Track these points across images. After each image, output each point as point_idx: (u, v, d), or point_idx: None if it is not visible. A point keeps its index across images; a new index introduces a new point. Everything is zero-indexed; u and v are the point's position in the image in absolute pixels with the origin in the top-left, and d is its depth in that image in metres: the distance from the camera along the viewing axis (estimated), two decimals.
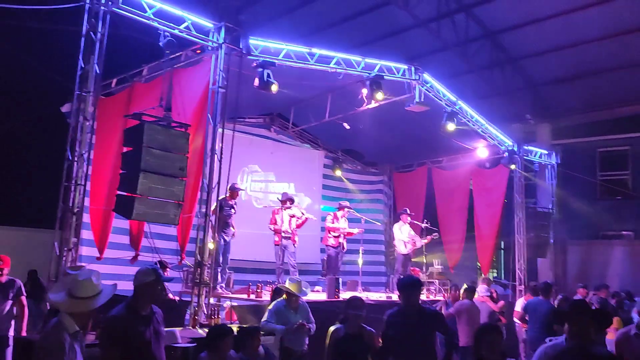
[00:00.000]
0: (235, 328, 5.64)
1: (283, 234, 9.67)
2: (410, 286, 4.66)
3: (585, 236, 14.91)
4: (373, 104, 9.41)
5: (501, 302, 9.61)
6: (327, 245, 10.63)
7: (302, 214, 10.20)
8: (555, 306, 7.68)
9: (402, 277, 4.93)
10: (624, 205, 14.91)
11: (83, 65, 6.22)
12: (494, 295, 9.45)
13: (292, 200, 10.05)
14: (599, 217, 14.93)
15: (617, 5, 11.33)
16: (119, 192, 6.40)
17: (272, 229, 9.83)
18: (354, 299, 5.33)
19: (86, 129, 6.28)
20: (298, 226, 10.07)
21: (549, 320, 7.16)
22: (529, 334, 7.86)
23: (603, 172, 15.66)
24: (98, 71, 6.31)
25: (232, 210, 9.17)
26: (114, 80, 9.00)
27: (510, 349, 8.61)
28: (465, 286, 8.27)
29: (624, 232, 15.12)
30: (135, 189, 5.95)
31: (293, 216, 9.96)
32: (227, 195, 9.04)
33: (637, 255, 14.04)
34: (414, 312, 4.57)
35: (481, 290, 9.14)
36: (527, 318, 8.03)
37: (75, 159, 6.22)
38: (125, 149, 6.55)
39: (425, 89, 9.81)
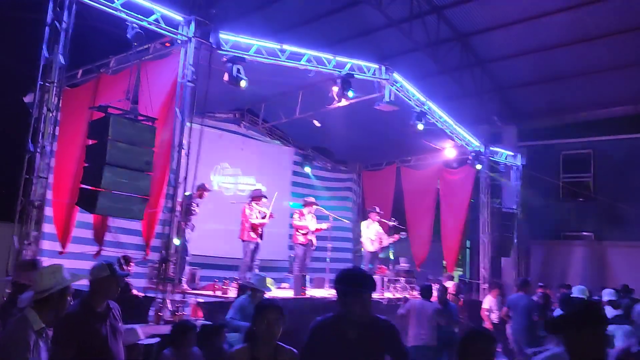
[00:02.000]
0: (199, 325, 5.59)
1: (257, 230, 9.63)
2: (355, 284, 3.11)
3: (548, 236, 15.30)
4: (343, 102, 9.43)
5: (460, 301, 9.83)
6: (296, 243, 10.62)
7: (265, 212, 10.07)
8: (537, 301, 8.06)
9: (344, 270, 3.25)
10: (585, 207, 15.32)
11: (47, 55, 6.08)
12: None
13: (261, 197, 9.99)
14: (561, 218, 15.35)
15: (582, 12, 11.65)
16: (82, 186, 6.27)
17: (251, 224, 9.60)
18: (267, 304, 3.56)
19: (49, 121, 6.14)
20: (263, 224, 10.00)
21: (529, 313, 7.72)
22: (513, 327, 8.26)
23: (566, 174, 16.08)
24: (63, 62, 6.17)
25: (196, 209, 9.06)
26: (80, 71, 8.81)
27: None
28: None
29: (584, 233, 15.55)
30: (99, 182, 5.83)
31: (260, 212, 9.90)
32: (195, 193, 8.96)
33: (596, 256, 14.47)
34: (355, 324, 3.09)
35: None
36: (510, 314, 8.35)
37: (38, 150, 6.08)
38: (89, 142, 6.41)
39: (395, 89, 9.90)
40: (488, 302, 9.85)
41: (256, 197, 9.91)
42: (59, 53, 6.09)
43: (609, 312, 6.99)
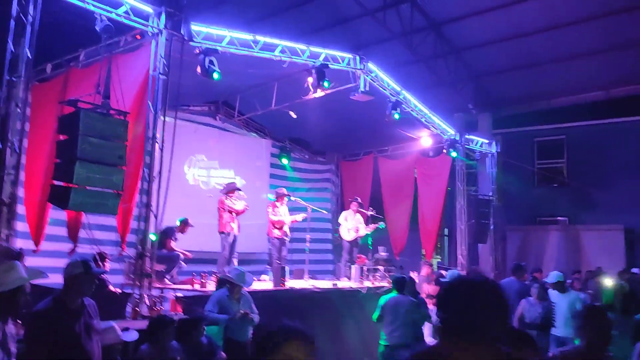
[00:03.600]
0: (177, 319, 5.56)
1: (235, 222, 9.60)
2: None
3: (523, 222, 15.55)
4: (319, 93, 9.42)
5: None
6: (271, 237, 10.60)
7: (241, 206, 10.01)
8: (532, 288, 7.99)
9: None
10: (559, 192, 15.61)
11: (13, 50, 5.93)
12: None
13: (235, 190, 9.92)
14: (536, 204, 15.62)
15: None
16: (54, 182, 6.16)
17: (232, 216, 9.53)
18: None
19: (17, 116, 6.00)
20: (239, 213, 9.94)
21: (521, 297, 7.80)
22: None
23: (540, 161, 16.34)
24: (29, 56, 6.02)
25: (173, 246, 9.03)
26: (49, 66, 8.59)
27: None
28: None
29: (559, 218, 15.84)
30: (72, 178, 5.73)
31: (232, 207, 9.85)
32: (177, 227, 8.92)
33: (571, 240, 14.76)
34: None
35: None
36: None
37: (8, 146, 5.95)
38: (60, 137, 6.29)
39: (370, 79, 9.90)
40: None
41: (230, 190, 9.84)
42: (25, 47, 5.95)
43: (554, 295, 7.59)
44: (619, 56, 13.19)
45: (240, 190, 9.99)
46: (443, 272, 10.89)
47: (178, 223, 9.04)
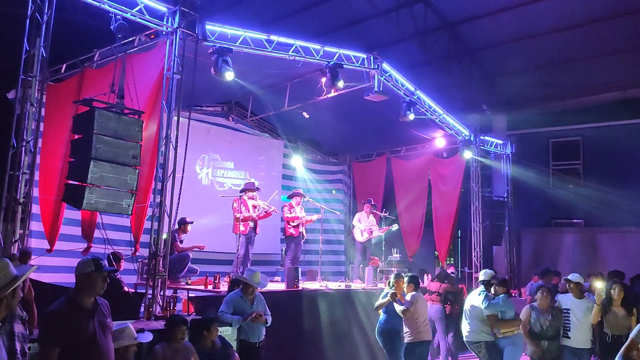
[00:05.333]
0: (191, 319, 5.54)
1: (250, 223, 9.56)
2: None
3: (539, 223, 15.36)
4: (332, 93, 9.37)
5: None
6: (287, 236, 10.55)
7: (267, 206, 10.05)
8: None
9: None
10: (575, 194, 15.38)
11: (28, 49, 5.94)
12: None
13: (255, 190, 9.91)
14: (551, 206, 15.41)
15: None
16: (68, 181, 6.16)
17: (241, 217, 9.40)
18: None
19: (32, 116, 6.02)
20: (260, 217, 9.95)
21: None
22: None
23: (555, 162, 16.14)
24: (44, 55, 6.04)
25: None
26: (64, 66, 8.64)
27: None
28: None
29: (574, 220, 15.64)
30: (86, 177, 5.72)
31: (256, 207, 9.84)
32: (178, 228, 8.93)
33: (586, 242, 14.57)
34: None
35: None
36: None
37: (23, 146, 5.96)
38: (75, 137, 6.30)
39: (384, 78, 9.83)
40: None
41: (248, 190, 9.82)
42: (40, 46, 5.96)
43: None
44: (636, 56, 13.00)
45: (256, 190, 9.90)
46: (450, 270, 10.70)
47: (177, 225, 8.99)
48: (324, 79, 9.06)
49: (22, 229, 6.00)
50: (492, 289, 6.90)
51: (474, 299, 6.94)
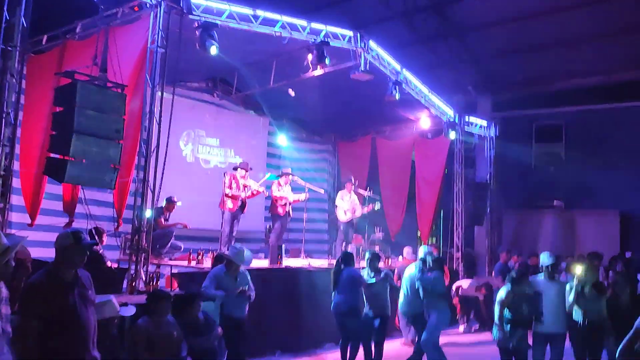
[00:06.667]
0: (174, 294, 5.55)
1: (239, 202, 9.54)
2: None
3: (520, 205, 15.55)
4: (318, 71, 9.31)
5: None
6: (274, 214, 10.54)
7: (258, 187, 10.02)
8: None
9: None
10: (557, 177, 15.58)
11: (8, 18, 5.81)
12: None
13: (248, 170, 9.86)
14: (533, 188, 15.59)
15: None
16: (50, 155, 6.08)
17: (230, 194, 9.39)
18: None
19: (13, 87, 5.92)
20: (248, 197, 9.92)
21: None
22: None
23: (538, 144, 16.30)
24: (25, 25, 5.94)
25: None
26: (45, 37, 8.43)
27: None
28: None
29: (555, 202, 15.85)
30: (68, 151, 5.66)
31: (247, 186, 9.81)
32: (164, 206, 8.86)
33: (566, 224, 14.81)
34: None
35: (407, 253, 9.38)
36: None
37: (3, 118, 5.86)
38: (56, 109, 6.20)
39: (371, 57, 9.79)
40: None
41: (242, 168, 9.77)
42: (21, 15, 5.84)
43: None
44: (621, 41, 13.08)
45: (246, 169, 9.85)
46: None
47: (164, 203, 8.96)
48: (310, 56, 8.98)
49: (2, 203, 5.93)
50: (428, 265, 7.37)
51: (410, 271, 7.60)
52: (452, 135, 12.28)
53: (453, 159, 12.91)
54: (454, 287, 10.63)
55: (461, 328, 10.80)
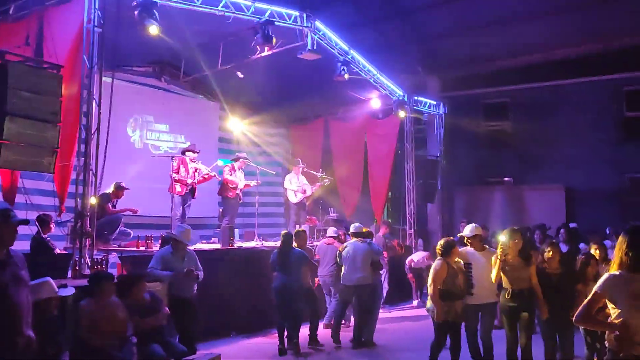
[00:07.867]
0: (118, 275, 5.49)
1: (188, 186, 9.42)
2: None
3: (470, 182, 15.96)
4: (266, 52, 9.24)
5: None
6: (224, 196, 10.47)
7: (209, 171, 9.92)
8: None
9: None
10: (505, 153, 16.04)
11: None
12: (342, 236, 9.48)
13: (196, 152, 9.74)
14: (482, 165, 16.02)
15: None
16: None
17: (176, 178, 9.25)
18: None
19: None
20: (199, 182, 9.80)
21: None
22: None
23: (486, 122, 16.71)
24: None
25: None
26: None
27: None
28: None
29: (505, 178, 16.34)
30: (1, 134, 5.48)
31: (197, 170, 9.69)
32: (111, 192, 8.66)
33: (515, 199, 15.32)
34: None
35: (329, 231, 9.48)
36: None
37: None
38: None
39: (318, 37, 9.79)
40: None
41: (190, 150, 9.65)
42: None
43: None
44: (561, 19, 13.45)
45: (195, 152, 9.72)
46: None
47: (112, 189, 8.77)
48: (257, 37, 8.91)
49: None
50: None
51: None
52: (402, 114, 12.45)
53: (403, 138, 13.10)
54: (407, 262, 10.84)
55: (415, 302, 11.05)
